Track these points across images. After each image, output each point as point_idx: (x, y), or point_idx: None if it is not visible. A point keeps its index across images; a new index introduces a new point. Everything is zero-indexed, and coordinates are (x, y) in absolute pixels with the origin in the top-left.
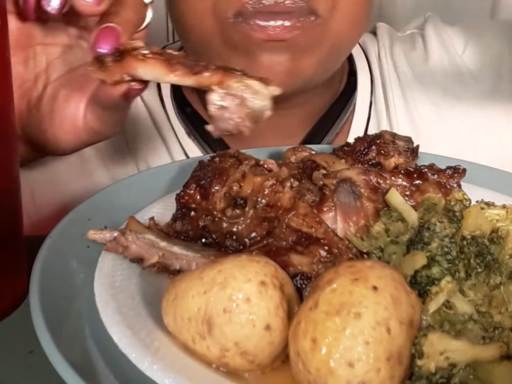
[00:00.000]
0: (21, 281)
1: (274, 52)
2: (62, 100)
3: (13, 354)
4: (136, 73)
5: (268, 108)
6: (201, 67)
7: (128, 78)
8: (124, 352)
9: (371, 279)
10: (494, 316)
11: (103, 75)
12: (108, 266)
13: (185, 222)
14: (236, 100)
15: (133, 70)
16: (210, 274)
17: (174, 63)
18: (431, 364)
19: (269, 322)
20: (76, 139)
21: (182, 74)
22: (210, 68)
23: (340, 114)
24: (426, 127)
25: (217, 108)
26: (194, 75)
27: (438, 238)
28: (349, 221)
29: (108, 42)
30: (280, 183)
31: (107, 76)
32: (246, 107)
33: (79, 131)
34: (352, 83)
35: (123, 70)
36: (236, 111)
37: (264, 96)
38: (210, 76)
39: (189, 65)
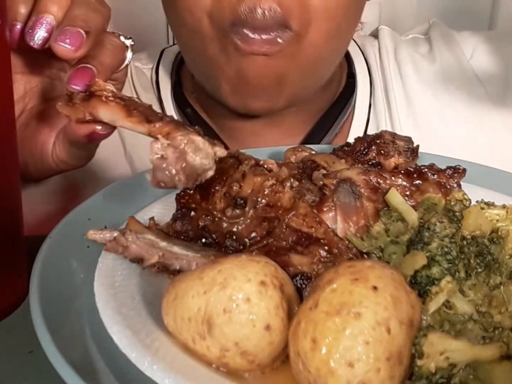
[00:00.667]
0: (21, 281)
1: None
2: (33, 128)
3: (13, 354)
4: (97, 113)
5: (210, 168)
6: (157, 117)
7: (89, 118)
8: (124, 352)
9: (371, 279)
10: (494, 316)
11: (68, 111)
12: (108, 266)
13: (185, 222)
14: (176, 152)
15: (95, 110)
16: (210, 274)
17: (133, 109)
18: (431, 364)
19: (269, 322)
20: (45, 167)
21: (136, 121)
22: (164, 119)
23: (339, 115)
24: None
25: (157, 157)
26: (147, 123)
27: (438, 238)
28: (349, 221)
29: (81, 80)
30: (280, 183)
31: (72, 113)
32: (184, 161)
33: (48, 160)
34: (350, 85)
35: (86, 109)
36: (174, 164)
37: (206, 154)
38: (161, 127)
39: (146, 113)
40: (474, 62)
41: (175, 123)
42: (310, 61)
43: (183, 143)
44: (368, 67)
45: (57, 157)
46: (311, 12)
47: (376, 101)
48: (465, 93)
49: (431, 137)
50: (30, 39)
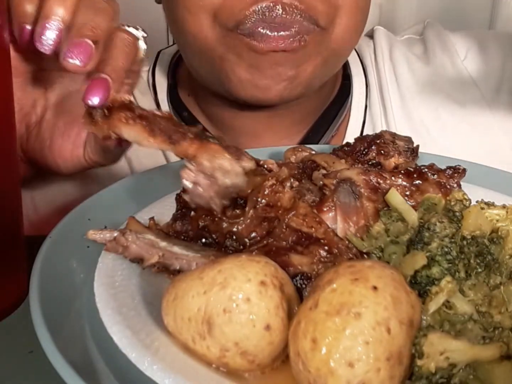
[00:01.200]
0: (21, 281)
1: (277, 63)
2: (62, 128)
3: (13, 354)
4: (121, 133)
5: (241, 184)
6: (179, 135)
7: (115, 136)
8: (124, 352)
9: (371, 279)
10: (494, 316)
11: (93, 129)
12: (108, 266)
13: (185, 222)
14: (207, 179)
15: (118, 130)
16: (210, 274)
17: (156, 128)
18: (431, 364)
19: (269, 322)
20: (75, 166)
21: (160, 141)
22: (187, 136)
23: (335, 117)
24: (425, 130)
25: (190, 184)
26: (171, 144)
27: (438, 238)
28: (349, 221)
29: (97, 94)
30: (280, 183)
31: (97, 131)
32: (217, 186)
33: (79, 160)
34: (346, 86)
35: (110, 128)
36: (207, 189)
37: (235, 174)
38: (186, 148)
39: (168, 131)
40: (468, 63)
41: (199, 140)
42: (332, 54)
43: (211, 169)
44: (364, 68)
45: (90, 159)
46: (335, 8)
47: (372, 102)
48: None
49: (427, 138)
50: (39, 45)
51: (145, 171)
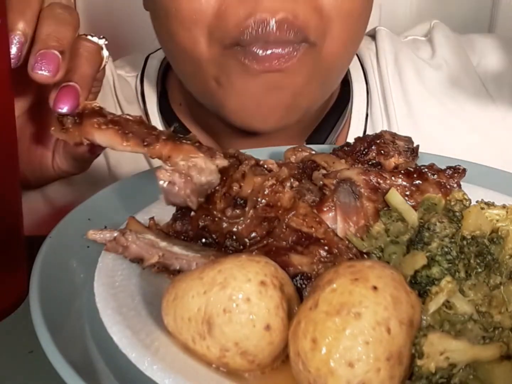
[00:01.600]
0: (21, 281)
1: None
2: (28, 140)
3: (13, 354)
4: (94, 139)
5: (216, 181)
6: (153, 137)
7: (87, 142)
8: (124, 352)
9: (371, 279)
10: (494, 316)
11: (64, 137)
12: (108, 266)
13: (185, 222)
14: (183, 178)
15: (91, 136)
16: (210, 274)
17: (127, 132)
18: (431, 364)
19: (269, 322)
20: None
21: (134, 144)
22: (161, 138)
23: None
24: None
25: (165, 184)
26: (145, 146)
27: (438, 238)
28: (349, 221)
29: (67, 101)
30: (280, 183)
31: (68, 138)
32: (192, 184)
33: (47, 171)
34: (345, 93)
35: (82, 134)
36: (183, 188)
37: (210, 171)
38: (159, 149)
39: (141, 134)
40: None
41: (172, 141)
42: (327, 71)
43: (186, 167)
44: (365, 73)
45: (58, 168)
46: (327, 21)
47: (373, 111)
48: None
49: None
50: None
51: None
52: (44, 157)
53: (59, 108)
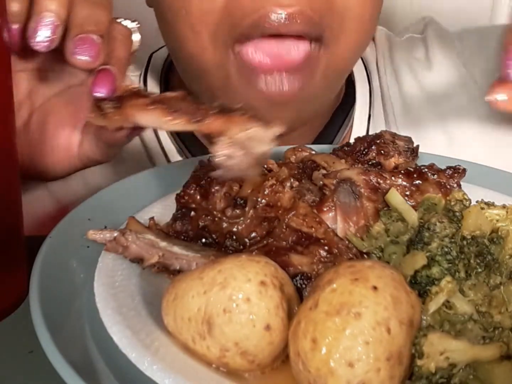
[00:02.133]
0: (21, 281)
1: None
2: (53, 127)
3: (13, 354)
4: (137, 121)
5: (270, 149)
6: (201, 112)
7: (129, 126)
8: (124, 352)
9: (371, 279)
10: (494, 316)
11: (103, 122)
12: (108, 266)
13: (185, 222)
14: (241, 150)
15: (133, 118)
16: (210, 274)
17: (174, 111)
18: (431, 364)
19: (269, 322)
20: (69, 166)
21: (183, 122)
22: (210, 113)
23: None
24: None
25: (224, 158)
26: (195, 123)
27: (438, 238)
28: (349, 221)
29: (105, 85)
30: (280, 183)
31: (108, 123)
32: (251, 155)
33: (73, 159)
34: (350, 94)
35: (123, 117)
36: (242, 161)
37: (269, 141)
38: (211, 124)
39: (189, 111)
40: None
41: (223, 114)
42: (336, 73)
43: (244, 139)
44: (368, 74)
45: (85, 156)
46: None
47: (375, 112)
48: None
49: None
50: (33, 43)
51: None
52: (71, 142)
53: (97, 92)
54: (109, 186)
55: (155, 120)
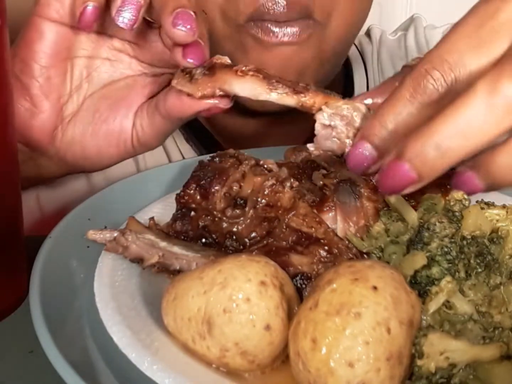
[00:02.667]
0: (21, 281)
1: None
2: (106, 110)
3: (13, 354)
4: (231, 88)
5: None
6: (302, 87)
7: (220, 93)
8: (124, 352)
9: (371, 279)
10: (494, 316)
11: (190, 88)
12: (108, 266)
13: (185, 222)
14: (344, 120)
15: (228, 85)
16: (210, 274)
17: (274, 81)
18: (431, 364)
19: (269, 322)
20: (119, 152)
21: (283, 92)
22: (310, 88)
23: None
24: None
25: (323, 127)
26: (296, 94)
27: (438, 238)
28: (349, 221)
29: (196, 54)
30: (280, 183)
31: (196, 89)
32: (353, 127)
33: (124, 143)
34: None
35: (215, 84)
36: (344, 131)
37: (366, 116)
38: (313, 97)
39: (289, 84)
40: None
41: (322, 91)
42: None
43: (349, 110)
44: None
45: (136, 138)
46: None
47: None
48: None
49: None
50: (118, 19)
51: (145, 171)
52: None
53: (190, 59)
54: (109, 186)
55: (252, 88)
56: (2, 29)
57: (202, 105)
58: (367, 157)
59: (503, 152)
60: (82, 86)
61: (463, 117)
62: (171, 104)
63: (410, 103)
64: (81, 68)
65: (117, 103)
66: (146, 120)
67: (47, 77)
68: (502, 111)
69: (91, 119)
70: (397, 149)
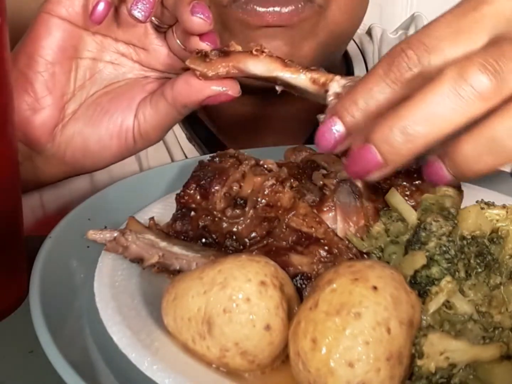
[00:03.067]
0: (21, 281)
1: (271, 38)
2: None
3: (13, 354)
4: (246, 66)
5: None
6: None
7: (234, 72)
8: (124, 352)
9: (371, 279)
10: (494, 316)
11: (204, 67)
12: (108, 266)
13: (185, 222)
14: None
15: (243, 63)
16: (210, 274)
17: (287, 60)
18: (431, 364)
19: (269, 322)
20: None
21: (296, 70)
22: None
23: None
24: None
25: (336, 96)
26: (309, 71)
27: (435, 237)
28: (349, 221)
29: (212, 40)
30: (280, 183)
31: (210, 68)
32: None
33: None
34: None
35: (230, 63)
36: None
37: None
38: (323, 74)
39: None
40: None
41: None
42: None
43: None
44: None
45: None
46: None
47: None
48: None
49: None
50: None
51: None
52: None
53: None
54: (109, 186)
55: (267, 66)
56: (2, 28)
57: (211, 91)
58: (335, 135)
59: (467, 142)
60: (85, 86)
61: (430, 103)
62: (179, 88)
63: (382, 80)
64: (85, 69)
65: (119, 97)
66: (149, 109)
67: (52, 73)
68: (467, 100)
69: (92, 112)
70: (366, 132)
